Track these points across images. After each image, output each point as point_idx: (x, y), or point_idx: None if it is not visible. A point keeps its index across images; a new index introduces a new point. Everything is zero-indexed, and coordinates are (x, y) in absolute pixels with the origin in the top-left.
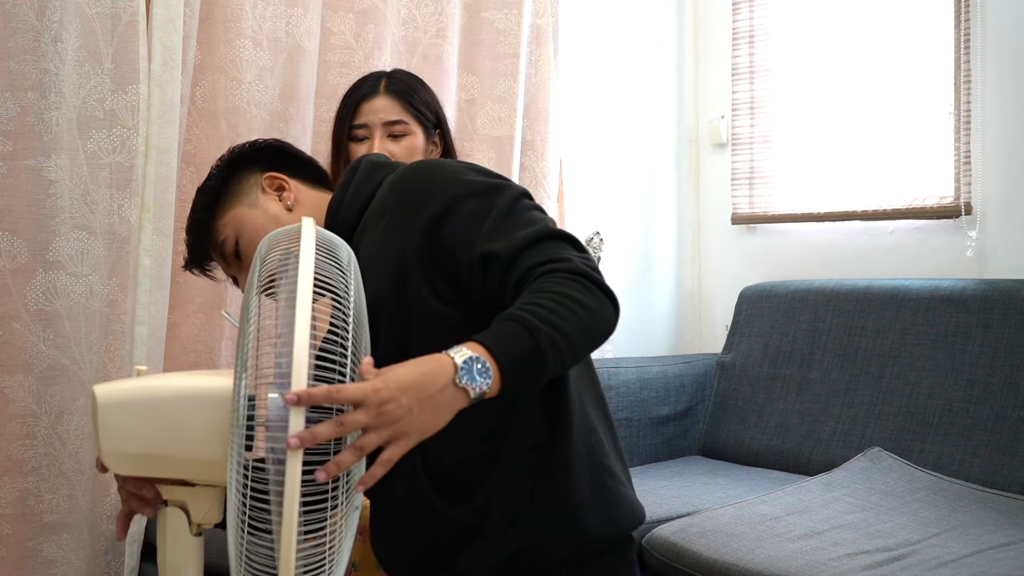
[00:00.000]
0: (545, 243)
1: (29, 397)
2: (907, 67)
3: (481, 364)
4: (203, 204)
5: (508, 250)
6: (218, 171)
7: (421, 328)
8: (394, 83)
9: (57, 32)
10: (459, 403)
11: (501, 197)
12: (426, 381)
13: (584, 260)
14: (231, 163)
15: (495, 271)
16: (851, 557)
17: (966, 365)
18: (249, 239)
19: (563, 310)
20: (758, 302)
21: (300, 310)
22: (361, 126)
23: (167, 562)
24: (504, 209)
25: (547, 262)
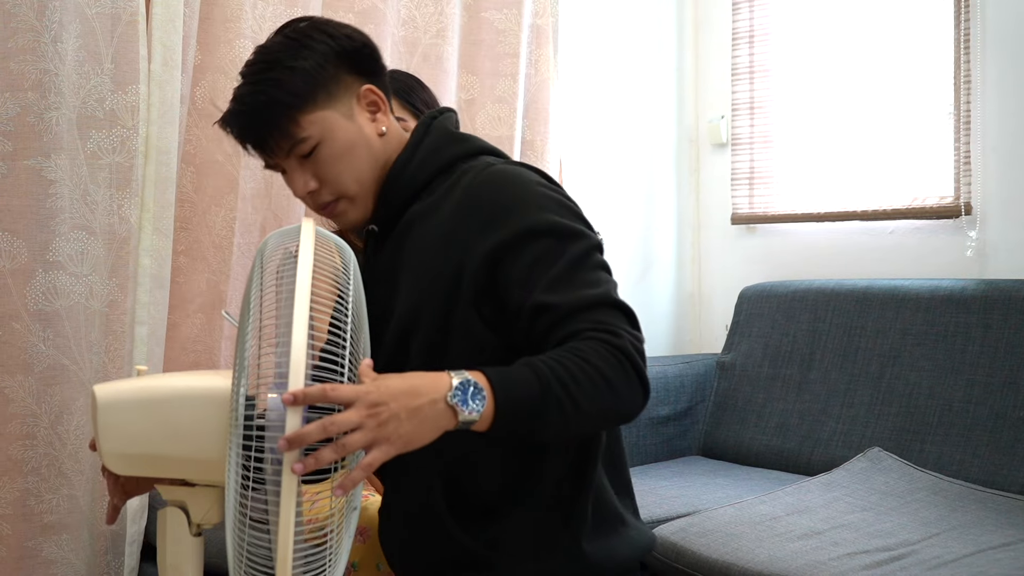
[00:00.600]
0: (602, 310)
1: (29, 397)
2: (907, 67)
3: (477, 391)
4: (293, 88)
5: (564, 306)
6: (317, 56)
7: (461, 347)
8: (393, 82)
9: (57, 32)
10: (446, 421)
11: (575, 246)
12: (418, 392)
13: (633, 339)
14: (336, 54)
15: (545, 322)
16: (851, 557)
17: (966, 365)
18: (338, 152)
19: (586, 380)
20: (758, 302)
21: (298, 311)
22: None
23: (167, 562)
24: (573, 260)
25: (597, 330)
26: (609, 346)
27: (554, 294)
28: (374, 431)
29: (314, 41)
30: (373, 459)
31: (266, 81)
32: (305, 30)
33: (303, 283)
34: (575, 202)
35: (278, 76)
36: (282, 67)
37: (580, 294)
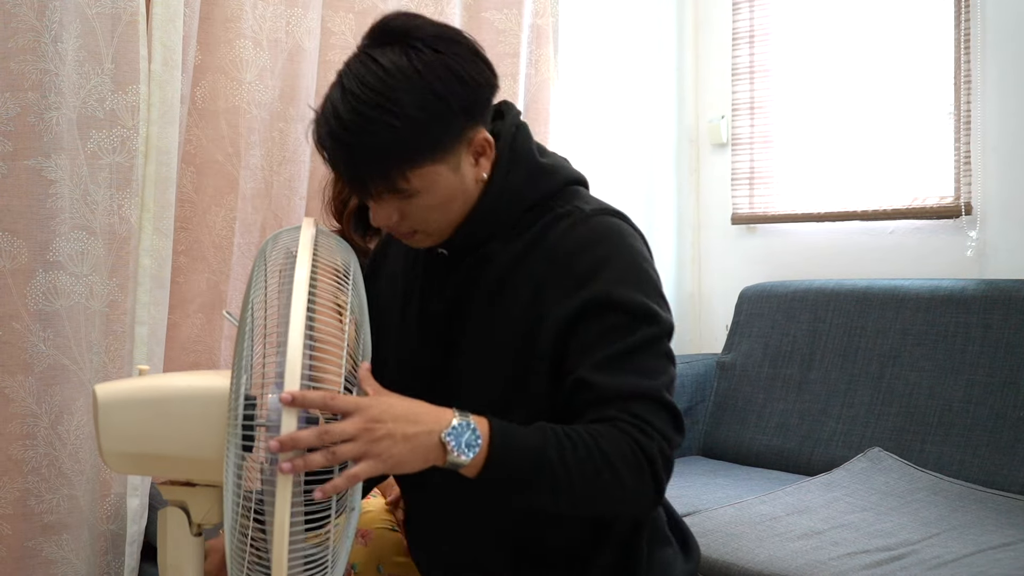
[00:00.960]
0: (644, 403)
1: (29, 397)
2: (907, 67)
3: (473, 436)
4: (412, 142)
5: (607, 390)
6: (446, 111)
7: (523, 408)
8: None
9: (57, 32)
10: (434, 456)
11: (646, 330)
12: (418, 419)
13: (663, 442)
14: (464, 110)
15: (584, 399)
16: (851, 556)
17: (966, 365)
18: (436, 204)
19: (589, 462)
20: (758, 302)
21: (295, 311)
22: None
23: (167, 562)
24: (637, 343)
25: (629, 422)
26: (632, 440)
27: (602, 373)
28: (367, 445)
29: (445, 87)
30: (359, 472)
31: (382, 124)
32: (436, 68)
33: (300, 283)
34: (656, 270)
35: (398, 124)
36: (404, 114)
37: (628, 381)
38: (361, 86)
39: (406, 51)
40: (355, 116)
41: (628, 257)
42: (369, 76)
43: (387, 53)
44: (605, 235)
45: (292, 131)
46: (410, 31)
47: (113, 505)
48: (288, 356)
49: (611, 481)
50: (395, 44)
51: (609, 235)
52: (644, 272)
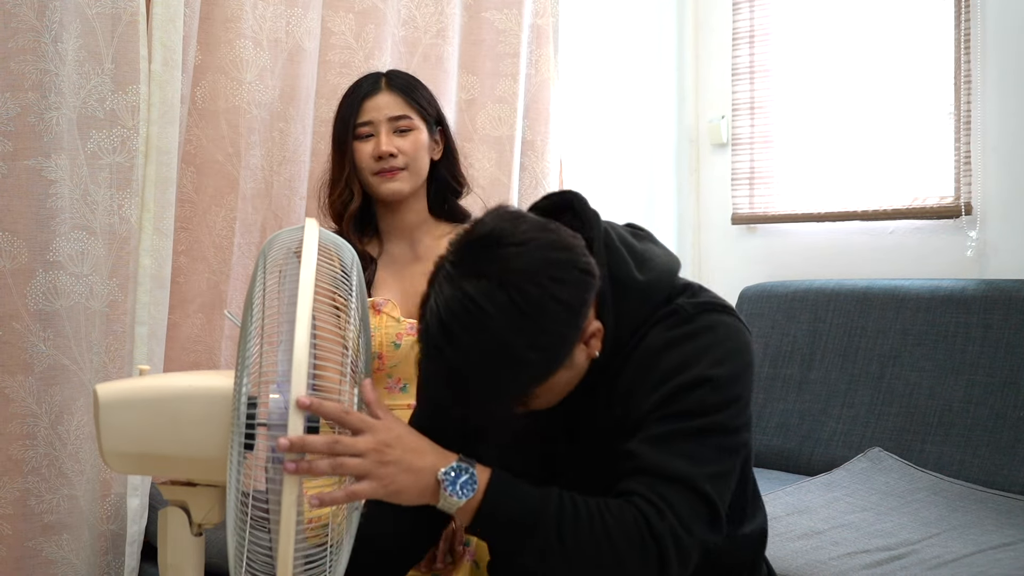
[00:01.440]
0: (676, 488)
1: (29, 397)
2: (907, 67)
3: (469, 480)
4: (523, 378)
5: (645, 464)
6: (563, 346)
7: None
8: (394, 80)
9: (57, 32)
10: (429, 493)
11: (714, 417)
12: (423, 454)
13: (678, 530)
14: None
15: (625, 467)
16: (851, 556)
17: (966, 365)
18: (552, 396)
19: (588, 539)
20: (758, 302)
21: (300, 310)
22: (366, 123)
23: (167, 562)
24: (698, 429)
25: (649, 501)
26: (641, 517)
27: (649, 447)
28: (374, 466)
29: (554, 321)
30: (361, 490)
31: (499, 374)
32: (543, 304)
33: (306, 282)
34: (751, 377)
35: (514, 371)
36: (520, 358)
37: (669, 462)
38: (466, 332)
39: (507, 290)
40: (468, 367)
41: (723, 351)
42: (473, 323)
43: (486, 291)
44: (706, 329)
45: (292, 131)
46: (504, 265)
47: (113, 505)
48: (294, 356)
49: (608, 555)
50: (489, 277)
51: (711, 328)
52: (736, 372)
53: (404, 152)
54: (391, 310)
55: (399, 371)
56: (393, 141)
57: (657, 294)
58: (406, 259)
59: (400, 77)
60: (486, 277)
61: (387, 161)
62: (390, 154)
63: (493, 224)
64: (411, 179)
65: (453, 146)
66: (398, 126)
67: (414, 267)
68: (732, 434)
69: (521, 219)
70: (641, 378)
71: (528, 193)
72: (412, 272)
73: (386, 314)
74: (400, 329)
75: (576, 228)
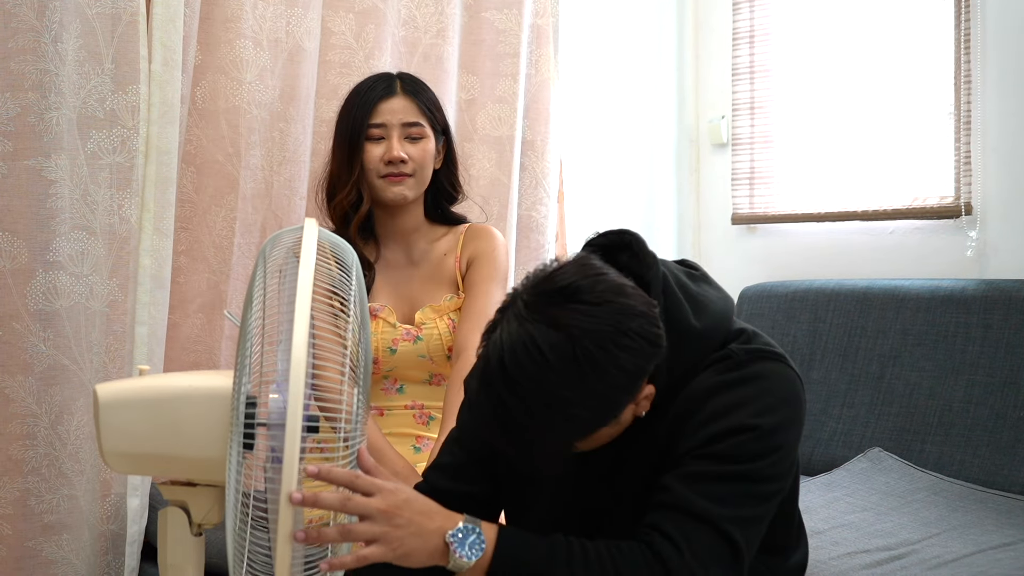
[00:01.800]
0: (702, 529)
1: (29, 397)
2: (907, 67)
3: (477, 540)
4: (575, 431)
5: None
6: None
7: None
8: (408, 85)
9: (57, 32)
10: (440, 556)
11: (761, 463)
12: (432, 516)
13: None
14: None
15: (655, 500)
16: (851, 556)
17: (966, 365)
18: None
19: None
20: (758, 302)
21: (299, 310)
22: (379, 125)
23: (167, 562)
24: (740, 473)
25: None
26: (656, 556)
27: (682, 484)
28: (385, 529)
29: (611, 386)
30: (370, 554)
31: (554, 424)
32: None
33: (305, 282)
34: (801, 422)
35: (568, 425)
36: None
37: (697, 501)
38: (525, 376)
39: (574, 346)
40: (519, 408)
41: (771, 399)
42: (534, 369)
43: (553, 342)
44: (756, 376)
45: (292, 131)
46: (577, 321)
47: (113, 505)
48: (293, 355)
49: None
50: (560, 329)
51: (762, 376)
52: (781, 423)
53: (414, 159)
54: (387, 315)
55: (396, 373)
56: (404, 147)
57: (712, 340)
58: (401, 263)
59: (414, 83)
60: (556, 328)
61: (396, 166)
62: (401, 159)
63: (574, 277)
64: (416, 186)
65: (454, 155)
66: (410, 133)
67: (409, 271)
68: (767, 482)
69: (601, 278)
70: (686, 418)
71: (528, 193)
72: (407, 277)
73: (382, 320)
74: (396, 335)
75: (633, 269)
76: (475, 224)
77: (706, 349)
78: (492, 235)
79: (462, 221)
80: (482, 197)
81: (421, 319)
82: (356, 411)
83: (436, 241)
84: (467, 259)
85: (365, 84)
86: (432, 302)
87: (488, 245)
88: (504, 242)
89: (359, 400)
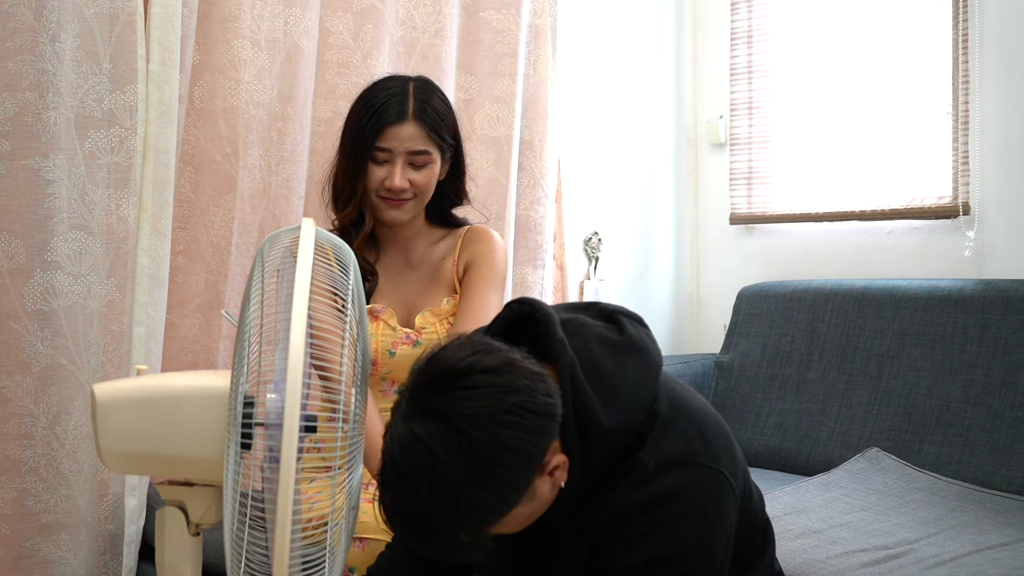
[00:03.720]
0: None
1: (27, 397)
2: (905, 67)
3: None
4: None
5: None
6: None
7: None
8: (423, 109)
9: (55, 32)
10: None
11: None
12: None
13: None
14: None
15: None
16: (849, 555)
17: (964, 365)
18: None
19: None
20: (756, 302)
21: (296, 310)
22: (385, 150)
23: (165, 562)
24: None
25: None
26: None
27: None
28: None
29: (507, 467)
30: None
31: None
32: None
33: (302, 282)
34: (726, 535)
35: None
36: (474, 501)
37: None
38: (416, 473)
39: (456, 435)
40: (419, 505)
41: (683, 525)
42: (423, 465)
43: (435, 434)
44: (668, 496)
45: (290, 131)
46: (455, 407)
47: (111, 505)
48: (290, 355)
49: None
50: (440, 419)
51: (672, 496)
52: (697, 544)
53: (416, 185)
54: (388, 318)
55: (394, 375)
56: (407, 175)
57: (625, 436)
58: (400, 267)
59: (427, 100)
60: (436, 418)
61: (396, 193)
62: (402, 189)
63: (452, 360)
64: (415, 208)
65: (463, 165)
66: (415, 160)
67: (408, 275)
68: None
69: (481, 354)
70: (608, 536)
71: (526, 193)
72: (406, 280)
73: (383, 322)
74: (396, 338)
75: (542, 344)
76: (474, 226)
77: (618, 447)
78: (490, 237)
79: (462, 223)
80: (480, 197)
81: (421, 323)
82: (354, 410)
83: (435, 244)
84: (465, 262)
85: (379, 98)
86: (431, 305)
87: (486, 248)
88: (502, 244)
89: (357, 399)
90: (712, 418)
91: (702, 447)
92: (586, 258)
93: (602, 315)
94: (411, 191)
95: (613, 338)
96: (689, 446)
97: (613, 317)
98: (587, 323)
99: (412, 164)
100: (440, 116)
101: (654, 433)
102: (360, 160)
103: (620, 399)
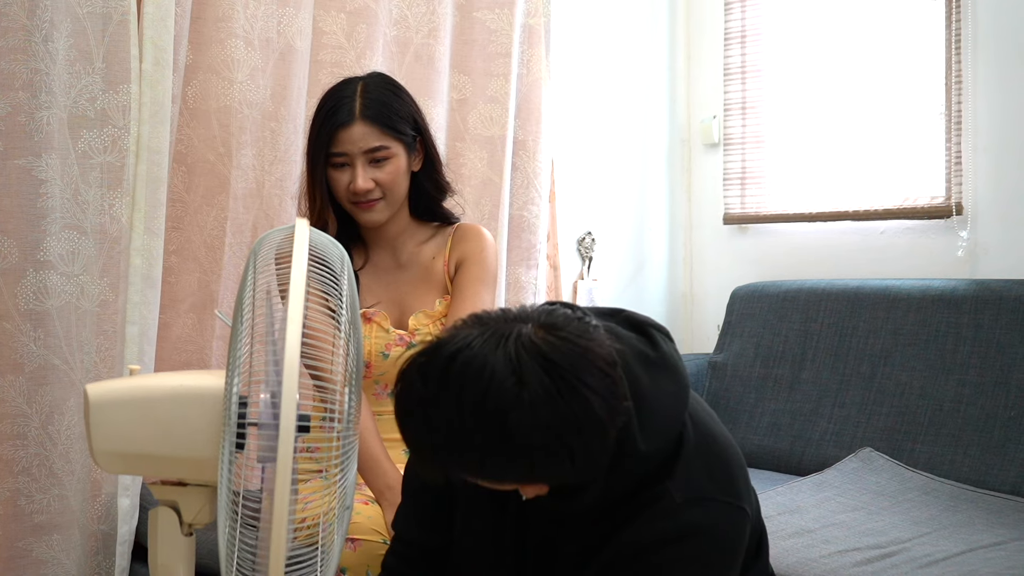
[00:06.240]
0: None
1: (20, 397)
2: (898, 67)
3: None
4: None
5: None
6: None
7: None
8: (369, 106)
9: (48, 31)
10: None
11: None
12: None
13: None
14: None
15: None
16: (842, 554)
17: (957, 365)
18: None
19: None
20: (750, 302)
21: (292, 310)
22: (341, 154)
23: (158, 562)
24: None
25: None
26: None
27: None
28: None
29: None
30: None
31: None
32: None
33: (297, 283)
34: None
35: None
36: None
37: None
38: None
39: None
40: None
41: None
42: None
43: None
44: (690, 532)
45: (283, 131)
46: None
47: (104, 505)
48: (287, 354)
49: None
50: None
51: (694, 533)
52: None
53: (382, 183)
54: (382, 320)
55: (387, 378)
56: (369, 174)
57: (652, 463)
58: (389, 267)
59: (376, 102)
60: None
61: (363, 195)
62: (366, 190)
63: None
64: (389, 207)
65: (434, 153)
66: (374, 157)
67: (398, 274)
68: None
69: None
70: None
71: (520, 193)
72: (397, 280)
73: (376, 323)
74: (389, 339)
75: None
76: (464, 224)
77: (641, 472)
78: (480, 236)
79: (452, 219)
80: (474, 197)
81: (415, 325)
82: (348, 410)
83: (424, 243)
84: (455, 261)
85: (328, 104)
86: (423, 307)
87: (476, 246)
88: (493, 242)
89: (351, 399)
90: (733, 447)
91: (727, 481)
92: (580, 258)
93: (631, 326)
94: (378, 191)
95: (648, 353)
96: (716, 481)
97: (644, 329)
98: (622, 335)
99: (374, 163)
100: (391, 109)
101: (680, 462)
102: (315, 169)
103: (655, 423)
